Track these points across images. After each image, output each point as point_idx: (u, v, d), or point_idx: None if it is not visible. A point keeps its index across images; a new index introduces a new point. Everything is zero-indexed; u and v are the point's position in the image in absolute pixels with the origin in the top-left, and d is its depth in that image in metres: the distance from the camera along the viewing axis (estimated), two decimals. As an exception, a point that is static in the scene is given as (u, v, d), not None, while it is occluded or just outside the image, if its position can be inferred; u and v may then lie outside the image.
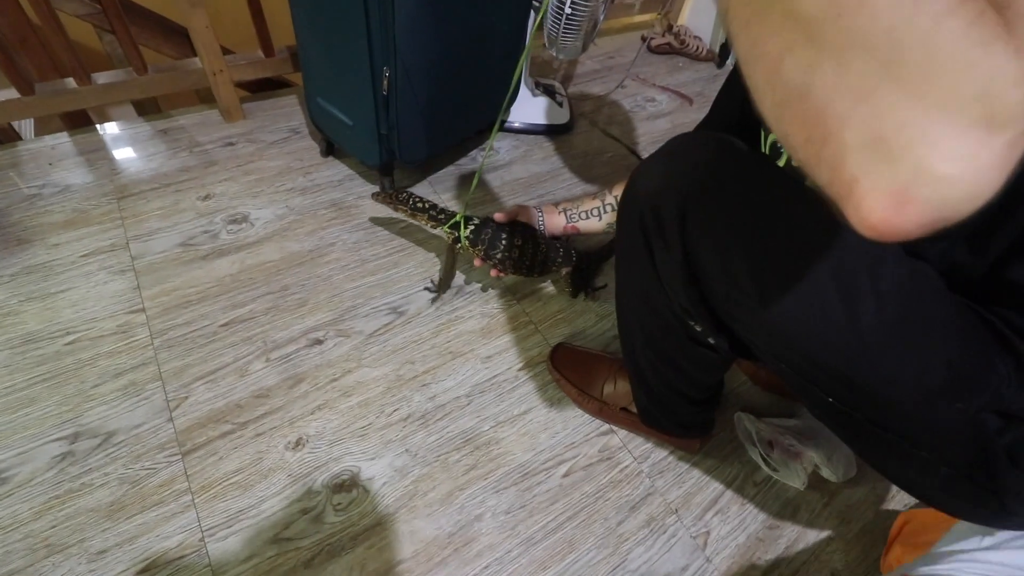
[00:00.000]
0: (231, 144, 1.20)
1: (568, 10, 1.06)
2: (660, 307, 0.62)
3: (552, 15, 1.09)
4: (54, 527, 0.69)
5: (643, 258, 0.58)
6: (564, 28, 1.09)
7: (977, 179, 0.23)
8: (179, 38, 1.22)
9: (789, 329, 0.47)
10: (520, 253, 0.92)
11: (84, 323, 0.88)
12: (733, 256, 0.48)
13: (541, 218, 0.97)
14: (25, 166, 1.09)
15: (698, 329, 0.60)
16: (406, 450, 0.82)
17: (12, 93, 1.06)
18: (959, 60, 0.21)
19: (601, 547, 0.77)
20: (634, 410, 0.84)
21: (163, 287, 0.94)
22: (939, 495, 0.51)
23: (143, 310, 0.91)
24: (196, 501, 0.73)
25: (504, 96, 1.25)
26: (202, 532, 0.71)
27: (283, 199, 1.12)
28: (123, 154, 1.15)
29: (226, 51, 1.16)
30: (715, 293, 0.52)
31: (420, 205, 0.95)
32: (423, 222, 0.98)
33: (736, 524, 0.81)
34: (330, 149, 1.21)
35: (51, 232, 0.99)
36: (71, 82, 1.10)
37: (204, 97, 1.23)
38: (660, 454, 0.86)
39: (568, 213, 0.96)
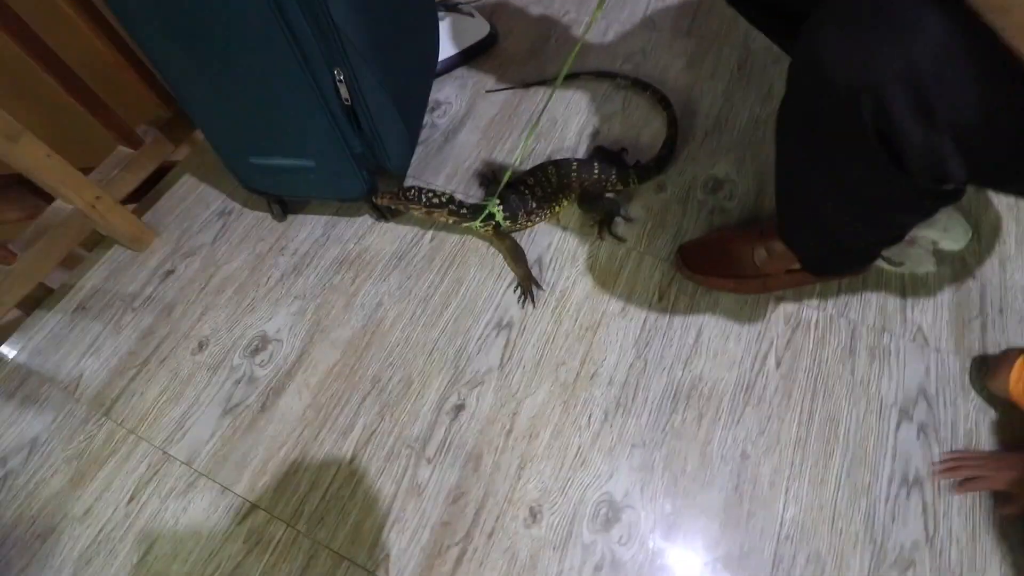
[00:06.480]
0: (170, 272, 0.93)
1: None
2: (889, 195, 0.53)
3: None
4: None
5: (870, 156, 0.47)
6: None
7: None
8: (20, 190, 0.87)
9: None
10: (543, 191, 0.86)
11: (203, 564, 0.69)
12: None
13: None
14: (-49, 453, 0.80)
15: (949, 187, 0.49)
16: (632, 446, 0.73)
17: None
18: None
19: (855, 403, 0.74)
20: (797, 266, 0.78)
21: (251, 469, 0.75)
22: None
23: (255, 506, 0.72)
24: None
25: (427, 38, 1.02)
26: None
27: (283, 293, 0.89)
28: (59, 366, 0.86)
29: (86, 170, 0.85)
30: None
31: (436, 200, 0.80)
32: (443, 219, 0.83)
33: (934, 308, 0.81)
34: (284, 208, 0.97)
35: (66, 502, 0.74)
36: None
37: (97, 240, 0.92)
38: (833, 290, 0.83)
39: None
